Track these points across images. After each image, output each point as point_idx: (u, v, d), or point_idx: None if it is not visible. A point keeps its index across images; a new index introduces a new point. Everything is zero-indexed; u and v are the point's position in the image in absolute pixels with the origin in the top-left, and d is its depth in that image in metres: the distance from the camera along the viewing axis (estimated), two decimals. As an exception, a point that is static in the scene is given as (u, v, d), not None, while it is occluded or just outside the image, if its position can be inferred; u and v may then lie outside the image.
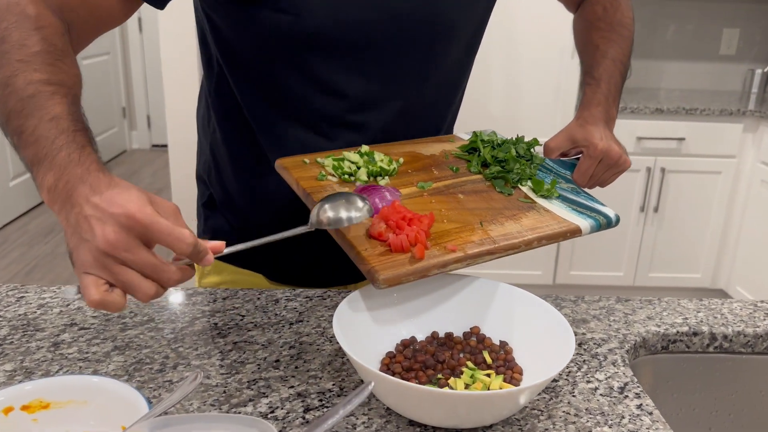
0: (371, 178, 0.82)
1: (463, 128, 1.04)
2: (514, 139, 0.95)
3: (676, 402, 0.91)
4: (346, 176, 0.81)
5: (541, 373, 0.69)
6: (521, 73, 2.75)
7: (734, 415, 0.91)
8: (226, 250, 0.64)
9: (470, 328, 0.79)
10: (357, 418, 0.66)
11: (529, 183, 0.88)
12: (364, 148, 0.86)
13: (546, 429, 0.66)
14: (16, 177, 3.87)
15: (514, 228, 0.77)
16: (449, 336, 0.79)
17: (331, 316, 0.85)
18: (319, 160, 0.84)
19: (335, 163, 0.82)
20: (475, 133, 0.95)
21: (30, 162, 0.60)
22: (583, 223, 0.81)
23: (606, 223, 0.84)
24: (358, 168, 0.82)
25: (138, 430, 0.53)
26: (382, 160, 0.84)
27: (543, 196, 0.86)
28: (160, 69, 2.54)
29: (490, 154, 0.90)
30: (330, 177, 0.81)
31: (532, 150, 0.94)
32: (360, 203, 0.70)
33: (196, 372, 0.59)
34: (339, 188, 0.79)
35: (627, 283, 3.03)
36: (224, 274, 1.01)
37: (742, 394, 0.91)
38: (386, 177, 0.83)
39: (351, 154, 0.84)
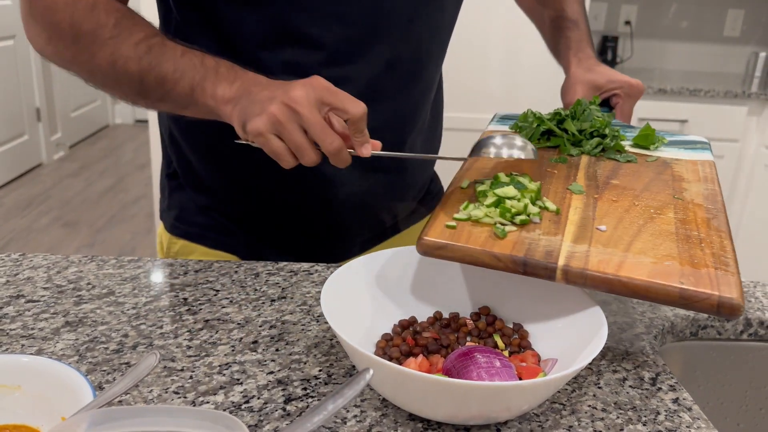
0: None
1: (462, 108, 0.95)
2: (559, 109, 0.85)
3: (704, 394, 0.81)
4: (522, 217, 0.63)
5: (564, 362, 0.59)
6: (521, 49, 2.63)
7: (766, 410, 0.82)
8: (381, 153, 0.67)
9: (479, 308, 0.69)
10: (348, 411, 0.56)
11: (627, 142, 0.83)
12: (502, 177, 0.69)
13: (570, 426, 0.56)
14: (-9, 149, 3.72)
15: (701, 187, 0.71)
16: (454, 317, 0.68)
17: (319, 292, 0.74)
18: (460, 216, 0.64)
19: (501, 209, 0.63)
20: (535, 115, 0.84)
21: (187, 92, 0.67)
22: (708, 155, 0.79)
23: (710, 147, 0.84)
24: (524, 202, 0.64)
25: (75, 424, 0.42)
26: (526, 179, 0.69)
27: (643, 147, 0.83)
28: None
29: (575, 129, 0.81)
30: (507, 227, 0.62)
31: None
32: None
33: (153, 353, 0.48)
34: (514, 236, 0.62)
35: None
36: (194, 255, 0.90)
37: (775, 387, 0.82)
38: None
39: (502, 189, 0.65)
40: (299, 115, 0.61)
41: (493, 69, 2.64)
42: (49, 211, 3.53)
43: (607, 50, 3.04)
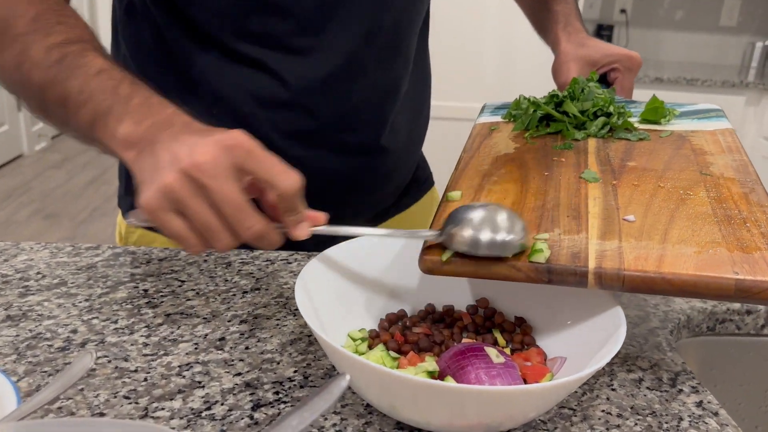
0: None
1: (452, 97, 0.87)
2: (554, 91, 0.78)
3: (720, 394, 0.74)
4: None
5: (574, 361, 0.52)
6: (515, 36, 2.56)
7: (787, 411, 0.75)
8: (324, 229, 0.53)
9: (476, 301, 0.61)
10: (326, 418, 0.48)
11: (635, 118, 0.76)
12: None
13: (582, 435, 0.49)
14: (-31, 139, 3.60)
15: (727, 159, 0.64)
16: (449, 310, 0.61)
17: (297, 282, 0.66)
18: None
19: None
20: (529, 101, 0.76)
21: (88, 122, 0.53)
22: (725, 122, 0.73)
23: (725, 114, 0.78)
24: None
25: (-12, 441, 0.34)
26: None
27: (653, 122, 0.75)
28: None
29: (576, 110, 0.73)
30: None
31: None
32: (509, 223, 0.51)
33: (88, 352, 0.40)
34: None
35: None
36: (154, 245, 0.80)
37: (798, 387, 0.75)
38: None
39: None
40: (206, 188, 0.46)
41: (486, 55, 2.56)
42: (30, 203, 3.43)
43: (602, 39, 2.97)
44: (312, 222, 0.52)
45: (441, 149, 1.46)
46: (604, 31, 3.02)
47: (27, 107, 0.61)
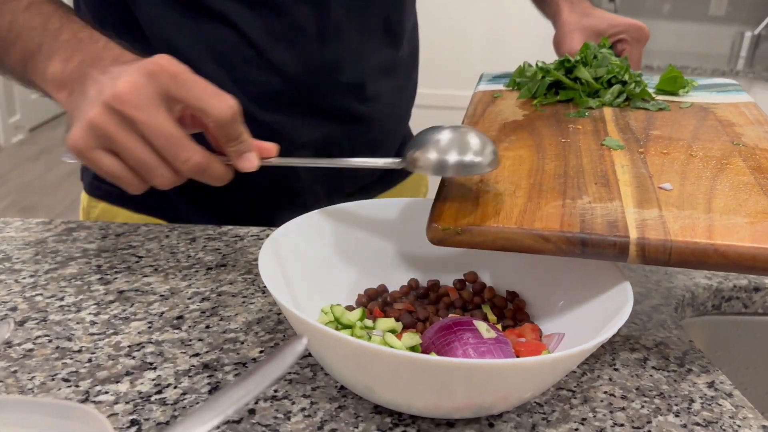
0: None
1: (440, 84, 0.81)
2: (563, 57, 0.71)
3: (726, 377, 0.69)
4: None
5: (573, 337, 0.46)
6: (505, 21, 2.50)
7: (796, 396, 0.70)
8: (275, 161, 0.49)
9: (464, 275, 0.55)
10: (293, 402, 0.42)
11: (650, 89, 0.69)
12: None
13: (583, 419, 0.43)
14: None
15: (759, 130, 0.59)
16: (434, 285, 0.55)
17: (267, 257, 0.60)
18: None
19: None
20: (538, 67, 0.70)
21: (20, 61, 0.49)
22: (746, 96, 0.68)
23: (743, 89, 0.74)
24: None
25: None
26: None
27: (670, 93, 0.70)
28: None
29: (590, 76, 0.67)
30: None
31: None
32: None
33: (5, 321, 0.34)
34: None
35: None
36: (116, 220, 0.74)
37: (807, 370, 0.70)
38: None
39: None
40: (132, 120, 0.42)
41: (475, 41, 2.51)
42: (7, 195, 3.33)
43: (591, 28, 2.93)
44: (262, 153, 0.47)
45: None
46: (592, 20, 2.98)
47: None
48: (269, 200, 0.73)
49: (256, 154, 0.47)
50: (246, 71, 0.65)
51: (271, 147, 0.48)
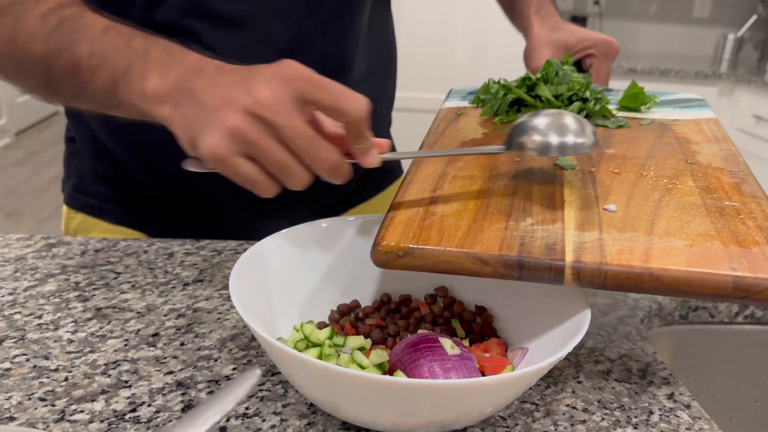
0: None
1: (424, 86, 0.81)
2: (527, 74, 0.72)
3: (694, 386, 0.71)
4: None
5: (536, 352, 0.48)
6: (488, 23, 2.52)
7: (762, 402, 0.72)
8: (392, 155, 0.50)
9: (434, 290, 0.57)
10: (263, 419, 0.44)
11: (613, 105, 0.70)
12: None
13: (544, 431, 0.45)
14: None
15: (714, 148, 0.60)
16: (405, 300, 0.56)
17: (244, 273, 0.62)
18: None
19: None
20: (499, 84, 0.71)
21: (108, 86, 0.49)
22: (709, 112, 0.69)
23: (707, 105, 0.75)
24: None
25: None
26: None
27: (632, 110, 0.70)
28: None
29: (550, 94, 0.67)
30: None
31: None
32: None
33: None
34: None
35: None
36: (94, 233, 0.75)
37: (773, 376, 0.72)
38: None
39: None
40: (274, 125, 0.44)
41: (457, 43, 2.52)
42: (-8, 200, 3.31)
43: (575, 30, 2.96)
44: (379, 146, 0.49)
45: (409, 143, 1.42)
46: (577, 23, 3.00)
47: (25, 88, 0.55)
48: (252, 213, 0.74)
49: (377, 150, 0.49)
50: None
51: (384, 142, 0.50)
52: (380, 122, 0.85)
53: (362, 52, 0.75)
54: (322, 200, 0.79)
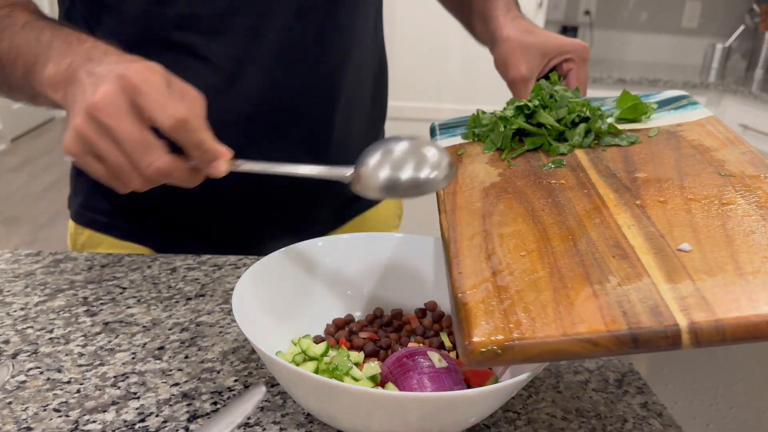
0: None
1: (413, 96, 0.83)
2: (514, 100, 0.70)
3: (671, 393, 0.75)
4: None
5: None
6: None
7: (737, 408, 0.76)
8: (246, 166, 0.50)
9: (425, 304, 0.60)
10: (264, 428, 0.47)
11: (611, 119, 0.67)
12: None
13: (526, 439, 0.48)
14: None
15: (735, 152, 0.56)
16: (397, 314, 0.60)
17: (244, 288, 0.65)
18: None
19: None
20: (495, 116, 0.67)
21: (23, 76, 0.53)
22: (703, 110, 0.66)
23: (696, 100, 0.72)
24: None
25: None
26: None
27: (632, 121, 0.67)
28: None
29: (553, 120, 0.64)
30: None
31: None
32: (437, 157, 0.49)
33: (4, 365, 0.38)
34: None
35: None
36: (101, 248, 0.78)
37: (747, 384, 0.75)
38: None
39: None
40: (107, 128, 0.44)
41: (449, 52, 2.55)
42: (-12, 207, 3.33)
43: (567, 40, 3.00)
44: (223, 157, 0.49)
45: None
46: (568, 33, 3.05)
47: None
48: (252, 226, 0.77)
49: (225, 160, 0.49)
50: (216, 100, 0.68)
51: (224, 151, 0.49)
52: (373, 131, 0.88)
53: (354, 60, 0.77)
54: (315, 216, 0.82)
